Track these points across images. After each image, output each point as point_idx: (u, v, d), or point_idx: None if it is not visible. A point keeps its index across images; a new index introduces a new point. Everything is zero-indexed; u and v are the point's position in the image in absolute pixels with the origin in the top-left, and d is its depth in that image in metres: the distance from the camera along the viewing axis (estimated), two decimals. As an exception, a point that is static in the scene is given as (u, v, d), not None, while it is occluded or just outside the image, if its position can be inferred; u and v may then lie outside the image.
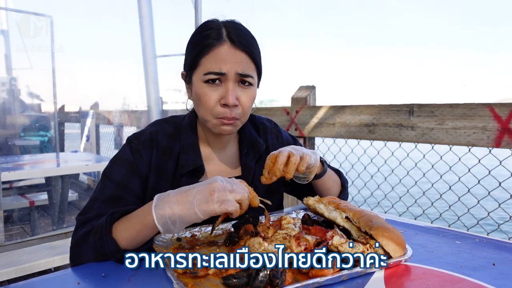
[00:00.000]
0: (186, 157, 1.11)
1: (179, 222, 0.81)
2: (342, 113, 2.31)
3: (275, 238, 0.89)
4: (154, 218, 0.82)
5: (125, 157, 1.08)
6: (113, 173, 1.05)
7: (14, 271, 1.86)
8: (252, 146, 1.21)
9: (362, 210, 0.96)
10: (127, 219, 0.89)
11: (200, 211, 0.80)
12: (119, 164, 1.07)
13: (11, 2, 3.98)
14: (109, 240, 0.86)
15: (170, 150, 1.12)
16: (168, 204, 0.82)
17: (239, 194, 0.83)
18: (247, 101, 1.05)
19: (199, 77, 1.03)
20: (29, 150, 3.89)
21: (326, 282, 0.74)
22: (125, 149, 1.10)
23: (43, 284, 0.79)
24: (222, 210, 0.80)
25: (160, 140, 1.12)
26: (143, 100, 3.55)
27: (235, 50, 1.02)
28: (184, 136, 1.14)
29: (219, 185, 0.82)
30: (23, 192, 3.32)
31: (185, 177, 1.11)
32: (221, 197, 0.80)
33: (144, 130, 1.15)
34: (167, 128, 1.15)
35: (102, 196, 1.02)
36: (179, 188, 0.86)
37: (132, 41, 3.59)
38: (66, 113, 4.72)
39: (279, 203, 1.31)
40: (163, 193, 0.86)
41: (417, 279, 0.78)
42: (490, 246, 0.98)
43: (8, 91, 3.89)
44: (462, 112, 1.82)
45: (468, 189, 1.94)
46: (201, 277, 0.76)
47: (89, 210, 1.01)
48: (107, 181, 1.05)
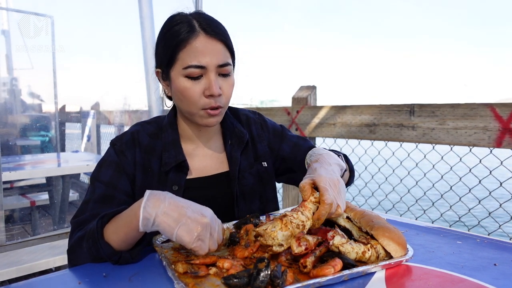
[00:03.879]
0: (168, 154, 1.12)
1: (156, 228, 0.82)
2: (343, 113, 2.31)
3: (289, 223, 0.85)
4: (140, 219, 0.80)
5: (110, 159, 1.10)
6: (101, 175, 1.07)
7: (15, 271, 1.87)
8: (235, 136, 1.22)
9: (363, 210, 0.96)
10: (115, 221, 0.88)
11: (177, 236, 0.79)
12: (106, 167, 1.09)
13: (12, 2, 3.99)
14: (102, 244, 0.85)
15: (152, 148, 1.14)
16: (156, 210, 0.81)
17: (213, 245, 0.83)
18: (229, 89, 1.08)
19: (178, 72, 1.03)
20: (30, 150, 3.90)
21: (327, 282, 0.73)
22: (109, 151, 1.12)
23: (44, 284, 0.79)
24: (193, 248, 0.80)
25: (142, 139, 1.14)
26: (143, 100, 3.55)
27: (211, 40, 1.02)
28: (165, 134, 1.16)
29: (207, 223, 0.81)
30: (24, 192, 3.33)
31: (171, 173, 1.12)
32: (201, 235, 0.80)
33: (125, 132, 1.17)
34: (148, 128, 1.17)
35: (93, 197, 1.03)
36: (176, 199, 0.84)
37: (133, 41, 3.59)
38: (67, 113, 4.72)
39: (273, 196, 1.29)
40: (156, 192, 0.85)
41: (418, 279, 0.78)
42: (491, 246, 0.97)
43: (9, 91, 3.90)
44: (463, 112, 1.82)
45: (469, 189, 1.94)
46: (202, 277, 0.76)
47: (82, 212, 1.01)
48: (96, 183, 1.06)
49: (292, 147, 1.29)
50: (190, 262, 0.80)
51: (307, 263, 0.77)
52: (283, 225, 0.84)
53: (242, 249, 0.89)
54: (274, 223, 0.84)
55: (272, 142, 1.30)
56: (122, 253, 0.85)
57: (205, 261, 0.81)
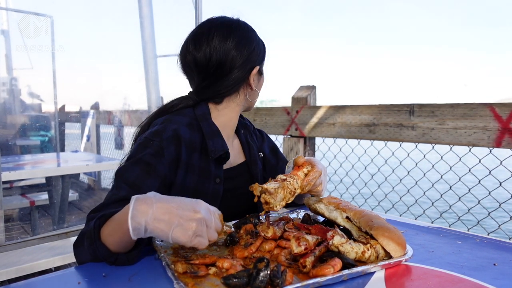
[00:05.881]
0: (213, 142, 1.13)
1: (149, 234, 0.80)
2: (342, 113, 2.31)
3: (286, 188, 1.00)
4: (130, 230, 0.78)
5: (141, 157, 1.04)
6: (127, 174, 1.02)
7: (14, 271, 1.86)
8: (243, 126, 1.35)
9: (363, 210, 0.96)
10: (110, 223, 0.86)
11: (173, 238, 0.78)
12: (135, 164, 1.03)
13: (12, 2, 3.98)
14: (99, 246, 0.84)
15: (193, 141, 1.12)
16: (145, 218, 0.78)
17: (212, 236, 0.83)
18: None
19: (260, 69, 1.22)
20: (29, 150, 3.89)
21: (326, 282, 0.73)
22: (143, 148, 1.05)
23: (43, 284, 0.79)
24: (192, 245, 0.80)
25: (183, 134, 1.10)
26: (143, 100, 3.55)
27: None
28: (204, 123, 1.15)
29: (201, 217, 0.80)
30: (24, 192, 3.32)
31: (212, 165, 1.13)
32: (198, 231, 0.79)
33: (162, 127, 1.10)
34: (183, 120, 1.13)
35: (115, 197, 0.98)
36: (164, 201, 0.81)
37: (132, 41, 3.59)
38: (67, 113, 4.72)
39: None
40: (141, 197, 0.81)
41: (418, 279, 0.78)
42: (490, 246, 0.97)
43: (8, 91, 3.89)
44: (462, 112, 1.82)
45: (468, 189, 1.94)
46: (201, 277, 0.76)
47: (102, 207, 0.97)
48: (121, 181, 1.01)
49: (270, 150, 1.43)
50: (190, 262, 0.80)
51: (307, 263, 0.77)
52: (282, 188, 0.97)
53: (241, 249, 0.89)
54: (277, 185, 0.97)
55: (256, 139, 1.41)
56: (119, 255, 0.84)
57: (205, 261, 0.81)
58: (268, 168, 1.38)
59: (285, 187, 0.98)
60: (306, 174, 1.06)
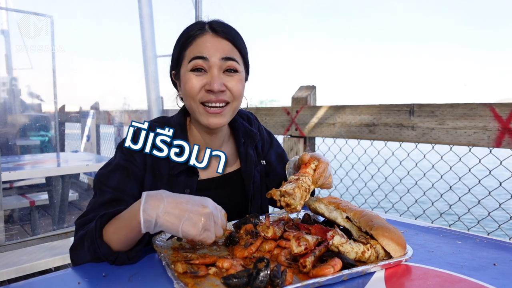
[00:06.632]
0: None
1: (159, 228, 0.82)
2: (342, 113, 2.31)
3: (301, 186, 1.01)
4: (141, 222, 0.80)
5: (118, 163, 1.08)
6: (108, 180, 1.05)
7: (14, 271, 1.86)
8: (247, 136, 1.25)
9: (363, 210, 0.96)
10: (115, 221, 0.88)
11: (182, 232, 0.80)
12: (113, 171, 1.07)
13: (12, 2, 3.98)
14: (100, 244, 0.85)
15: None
16: (156, 211, 0.80)
17: (219, 232, 0.85)
18: (235, 85, 1.07)
19: (185, 68, 1.06)
20: (29, 150, 3.89)
21: (326, 282, 0.73)
22: (117, 154, 1.10)
23: (43, 284, 0.79)
24: (201, 239, 0.81)
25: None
26: (143, 100, 3.55)
27: (217, 38, 1.05)
28: (178, 133, 1.14)
29: (209, 212, 0.83)
30: (24, 192, 3.32)
31: (182, 176, 1.11)
32: (206, 226, 0.81)
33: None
34: (159, 126, 1.14)
35: (101, 200, 1.02)
36: (174, 196, 0.84)
37: (132, 41, 3.58)
38: (67, 113, 4.71)
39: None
40: (152, 193, 0.84)
41: (418, 279, 0.78)
42: (490, 246, 0.97)
43: (8, 91, 3.89)
44: (462, 112, 1.82)
45: (468, 189, 1.94)
46: (201, 277, 0.76)
47: (88, 212, 1.01)
48: (104, 187, 1.04)
49: (277, 156, 1.36)
50: (190, 262, 0.80)
51: (307, 263, 0.77)
52: (298, 188, 0.98)
53: (241, 249, 0.89)
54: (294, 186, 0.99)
55: (264, 144, 1.35)
56: (119, 253, 0.85)
57: (205, 261, 0.81)
58: (272, 176, 1.32)
59: (300, 186, 1.00)
60: (314, 169, 1.07)
